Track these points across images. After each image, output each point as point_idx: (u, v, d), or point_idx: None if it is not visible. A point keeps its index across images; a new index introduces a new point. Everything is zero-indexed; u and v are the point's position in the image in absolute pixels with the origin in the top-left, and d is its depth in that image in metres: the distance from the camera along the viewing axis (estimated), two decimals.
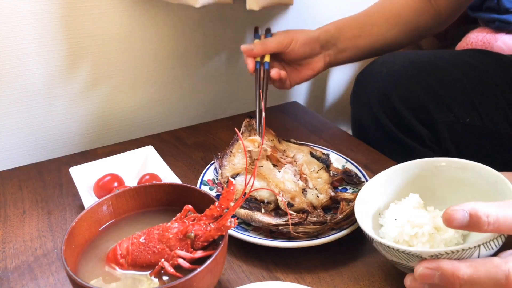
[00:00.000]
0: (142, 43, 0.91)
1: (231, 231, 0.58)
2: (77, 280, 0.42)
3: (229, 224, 0.47)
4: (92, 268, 0.49)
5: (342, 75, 1.27)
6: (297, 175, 0.67)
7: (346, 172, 0.69)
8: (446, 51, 0.94)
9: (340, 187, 0.69)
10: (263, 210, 0.60)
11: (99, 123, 0.95)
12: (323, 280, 0.55)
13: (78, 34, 0.84)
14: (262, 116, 0.69)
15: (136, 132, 0.99)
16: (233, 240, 0.58)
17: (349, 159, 0.73)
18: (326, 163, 0.71)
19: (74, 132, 0.93)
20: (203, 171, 0.71)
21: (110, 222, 0.54)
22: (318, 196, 0.63)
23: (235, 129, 0.57)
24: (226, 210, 0.49)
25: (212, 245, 0.49)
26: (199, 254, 0.48)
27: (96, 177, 0.67)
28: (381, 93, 0.81)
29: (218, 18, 0.98)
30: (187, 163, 0.80)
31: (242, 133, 0.78)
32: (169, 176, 0.68)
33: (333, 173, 0.69)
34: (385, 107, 0.80)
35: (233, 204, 0.49)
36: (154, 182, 0.63)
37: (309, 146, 0.76)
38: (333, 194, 0.63)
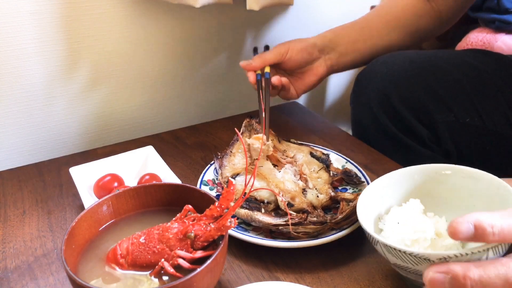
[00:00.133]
0: (142, 43, 0.91)
1: (231, 231, 0.58)
2: (77, 280, 0.42)
3: (229, 224, 0.47)
4: (92, 268, 0.49)
5: (342, 75, 1.27)
6: (297, 175, 0.67)
7: (346, 172, 0.69)
8: (446, 51, 0.93)
9: (340, 187, 0.69)
10: (263, 210, 0.60)
11: (99, 123, 0.95)
12: (323, 280, 0.55)
13: (78, 34, 0.84)
14: (267, 124, 0.73)
15: (136, 132, 0.99)
16: (233, 240, 0.58)
17: (349, 159, 0.73)
18: (326, 163, 0.71)
19: (74, 132, 0.93)
20: (203, 171, 0.71)
21: (110, 222, 0.54)
22: (318, 196, 0.63)
23: (235, 129, 0.57)
24: (226, 210, 0.49)
25: (212, 245, 0.49)
26: (199, 254, 0.48)
27: (96, 177, 0.67)
28: (381, 93, 0.81)
29: (218, 18, 0.98)
30: (187, 163, 0.80)
31: (242, 133, 0.78)
32: (169, 176, 0.68)
33: (333, 173, 0.69)
34: (385, 107, 0.80)
35: (233, 204, 0.49)
36: (154, 182, 0.63)
37: (309, 146, 0.76)
38: (333, 194, 0.63)
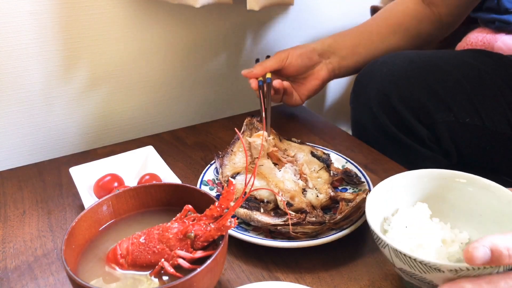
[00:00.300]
0: (142, 43, 0.91)
1: (231, 231, 0.58)
2: (77, 280, 0.42)
3: (229, 224, 0.47)
4: (92, 268, 0.49)
5: None
6: (297, 174, 0.67)
7: (346, 172, 0.69)
8: (446, 51, 0.93)
9: (340, 187, 0.69)
10: (262, 210, 0.60)
11: (99, 123, 0.95)
12: (323, 280, 0.55)
13: (78, 34, 0.84)
14: (268, 121, 0.76)
15: (136, 132, 0.99)
16: (233, 240, 0.58)
17: (349, 159, 0.73)
18: (326, 162, 0.71)
19: (74, 132, 0.93)
20: (203, 171, 0.71)
21: (110, 222, 0.54)
22: (317, 196, 0.63)
23: (235, 128, 0.57)
24: (226, 210, 0.49)
25: (212, 245, 0.49)
26: (199, 254, 0.48)
27: (96, 177, 0.67)
28: (381, 93, 0.81)
29: (218, 18, 0.98)
30: (187, 163, 0.80)
31: (243, 132, 0.78)
32: (169, 176, 0.68)
33: (333, 173, 0.69)
34: (385, 107, 0.80)
35: (233, 204, 0.49)
36: (154, 182, 0.63)
37: (310, 145, 0.76)
38: (332, 194, 0.63)
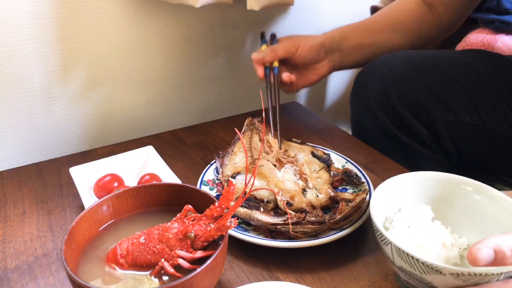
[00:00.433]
0: (142, 43, 0.91)
1: (231, 231, 0.58)
2: (77, 280, 0.42)
3: (229, 224, 0.47)
4: (92, 268, 0.49)
5: (342, 75, 1.27)
6: (297, 174, 0.67)
7: (347, 173, 0.69)
8: (446, 51, 0.94)
9: (340, 187, 0.69)
10: (262, 209, 0.60)
11: (99, 123, 0.95)
12: (323, 280, 0.55)
13: (78, 34, 0.84)
14: (276, 119, 0.77)
15: (136, 132, 0.99)
16: (233, 240, 0.58)
17: (349, 159, 0.73)
18: (327, 162, 0.71)
19: (74, 132, 0.93)
20: (203, 171, 0.71)
21: (110, 222, 0.54)
22: (317, 196, 0.63)
23: (235, 129, 0.57)
24: (226, 210, 0.49)
25: (212, 245, 0.49)
26: (199, 254, 0.48)
27: (96, 177, 0.67)
28: (381, 93, 0.81)
29: (218, 18, 0.98)
30: (187, 163, 0.80)
31: (244, 132, 0.78)
32: (169, 176, 0.68)
33: (333, 173, 0.69)
34: (385, 107, 0.80)
35: (233, 204, 0.49)
36: (154, 182, 0.63)
37: (310, 145, 0.76)
38: (332, 194, 0.63)
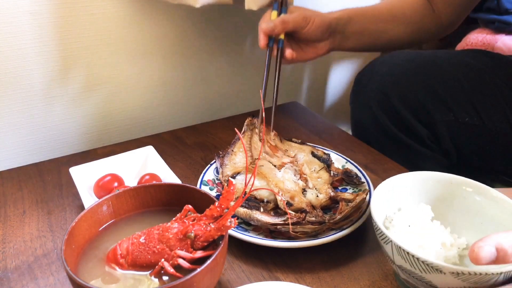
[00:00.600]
0: (142, 43, 0.91)
1: (231, 231, 0.58)
2: (77, 280, 0.42)
3: (229, 224, 0.47)
4: (92, 268, 0.49)
5: (342, 75, 1.27)
6: (297, 174, 0.67)
7: (347, 173, 0.69)
8: (446, 51, 0.94)
9: (340, 187, 0.69)
10: (262, 209, 0.60)
11: (99, 123, 0.95)
12: (323, 280, 0.55)
13: (77, 34, 0.84)
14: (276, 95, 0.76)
15: (136, 132, 0.99)
16: (233, 240, 0.58)
17: (349, 159, 0.73)
18: (327, 162, 0.71)
19: (74, 132, 0.93)
20: (203, 171, 0.71)
21: (110, 222, 0.54)
22: (317, 196, 0.63)
23: (235, 129, 0.57)
24: (226, 210, 0.49)
25: (212, 245, 0.49)
26: (199, 254, 0.48)
27: (96, 177, 0.67)
28: (381, 92, 0.81)
29: (218, 19, 0.98)
30: (187, 163, 0.80)
31: (244, 132, 0.78)
32: (169, 176, 0.68)
33: (333, 173, 0.69)
34: (384, 106, 0.80)
35: (233, 204, 0.49)
36: (154, 182, 0.63)
37: (310, 145, 0.76)
38: (332, 194, 0.63)
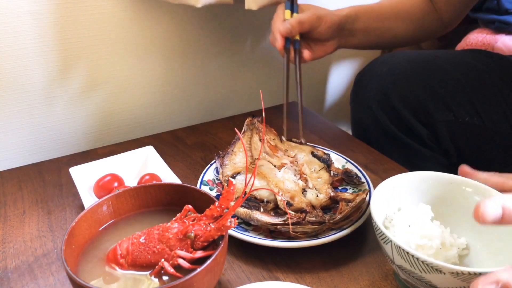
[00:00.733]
0: (142, 43, 0.91)
1: (231, 231, 0.58)
2: (77, 280, 0.42)
3: (229, 224, 0.47)
4: (92, 268, 0.49)
5: (342, 75, 1.27)
6: (297, 174, 0.67)
7: (347, 173, 0.69)
8: (446, 51, 0.94)
9: (340, 187, 0.69)
10: (262, 209, 0.60)
11: (99, 123, 0.95)
12: (323, 280, 0.55)
13: (78, 34, 0.84)
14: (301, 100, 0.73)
15: (136, 132, 0.99)
16: (233, 240, 0.58)
17: (349, 159, 0.73)
18: (327, 162, 0.71)
19: (74, 132, 0.93)
20: (203, 171, 0.71)
21: (110, 222, 0.54)
22: (317, 196, 0.63)
23: (235, 129, 0.57)
24: (226, 210, 0.49)
25: (212, 245, 0.49)
26: (199, 254, 0.48)
27: (96, 177, 0.67)
28: (381, 92, 0.81)
29: (219, 18, 0.98)
30: (187, 163, 0.80)
31: (244, 132, 0.78)
32: (169, 176, 0.68)
33: (333, 173, 0.69)
34: (384, 106, 0.80)
35: (233, 204, 0.49)
36: (154, 182, 0.63)
37: (310, 145, 0.76)
38: (332, 194, 0.63)
